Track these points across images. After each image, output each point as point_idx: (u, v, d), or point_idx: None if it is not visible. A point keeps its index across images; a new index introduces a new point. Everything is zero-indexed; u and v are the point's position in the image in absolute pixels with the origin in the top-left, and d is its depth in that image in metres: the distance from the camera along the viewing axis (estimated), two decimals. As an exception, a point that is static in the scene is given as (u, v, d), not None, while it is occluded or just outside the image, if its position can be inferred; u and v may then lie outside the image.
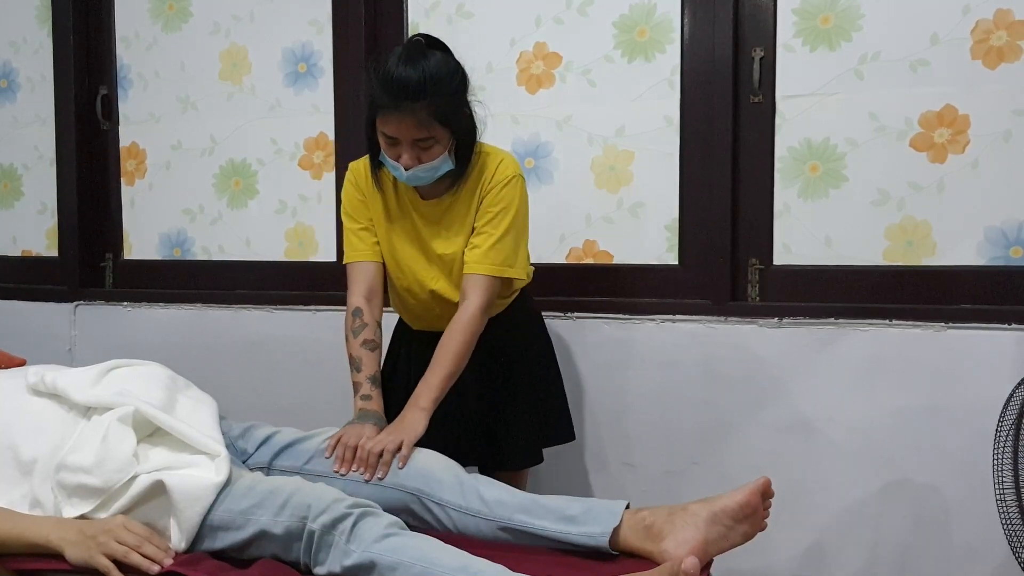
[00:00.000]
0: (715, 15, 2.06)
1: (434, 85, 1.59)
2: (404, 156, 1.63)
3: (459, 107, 1.66)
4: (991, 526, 1.77)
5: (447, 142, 1.66)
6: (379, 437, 1.56)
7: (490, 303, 1.72)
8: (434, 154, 1.64)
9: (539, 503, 1.46)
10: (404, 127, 1.60)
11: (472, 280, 1.71)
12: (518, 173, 1.74)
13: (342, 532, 1.32)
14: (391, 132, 1.62)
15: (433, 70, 1.59)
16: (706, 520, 1.38)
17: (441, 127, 1.62)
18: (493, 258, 1.71)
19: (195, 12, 2.56)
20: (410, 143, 1.62)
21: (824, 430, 2.01)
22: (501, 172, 1.72)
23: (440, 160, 1.66)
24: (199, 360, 2.45)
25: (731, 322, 2.07)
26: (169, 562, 1.35)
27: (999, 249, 1.92)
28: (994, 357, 1.87)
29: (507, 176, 1.72)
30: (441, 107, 1.60)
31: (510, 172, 1.73)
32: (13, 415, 1.52)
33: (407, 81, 1.57)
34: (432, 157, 1.64)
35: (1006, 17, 1.87)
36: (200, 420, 1.55)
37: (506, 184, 1.72)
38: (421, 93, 1.57)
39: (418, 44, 1.64)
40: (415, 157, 1.64)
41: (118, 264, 2.72)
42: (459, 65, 1.67)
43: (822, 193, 2.03)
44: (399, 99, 1.58)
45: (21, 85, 2.79)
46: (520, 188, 1.74)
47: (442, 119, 1.62)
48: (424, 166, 1.65)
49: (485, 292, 1.70)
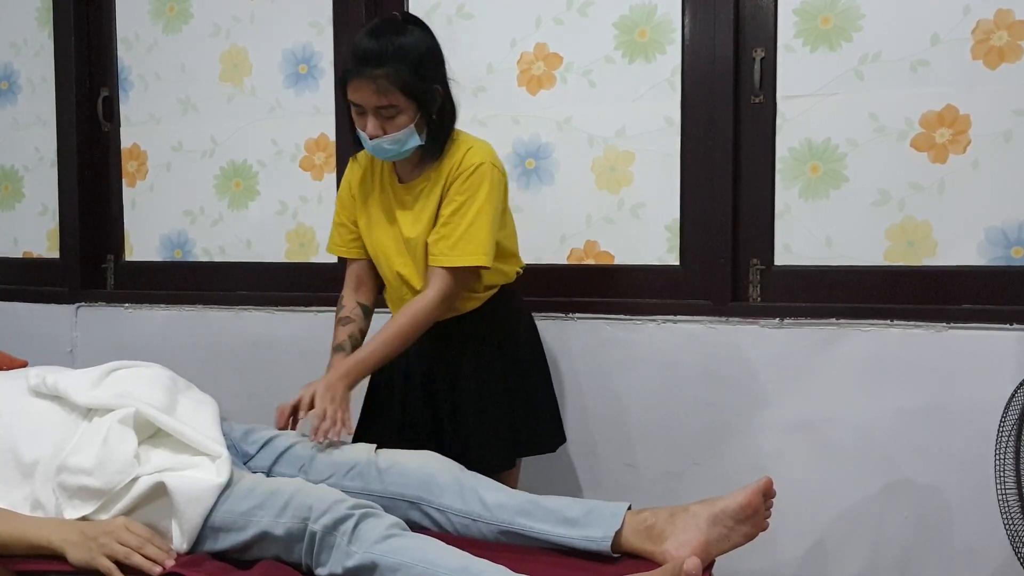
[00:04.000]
0: (716, 16, 2.06)
1: (397, 54, 1.62)
2: (369, 124, 1.66)
3: (425, 81, 1.66)
4: (993, 526, 1.77)
5: (412, 114, 1.66)
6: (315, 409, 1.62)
7: (449, 296, 1.71)
8: (399, 124, 1.65)
9: (539, 505, 1.46)
10: (365, 93, 1.64)
11: (432, 272, 1.71)
12: (487, 161, 1.71)
13: (344, 533, 1.32)
14: (354, 98, 1.66)
15: (399, 42, 1.63)
16: (707, 521, 1.38)
17: (404, 97, 1.64)
18: (454, 250, 1.69)
19: (195, 14, 2.56)
20: (373, 111, 1.65)
21: (825, 430, 2.01)
22: (468, 159, 1.71)
23: (405, 133, 1.66)
24: (200, 361, 2.45)
25: (732, 323, 2.07)
26: (171, 563, 1.35)
27: (1000, 249, 1.92)
28: (995, 357, 1.87)
29: (473, 164, 1.70)
30: (403, 76, 1.62)
31: (477, 160, 1.71)
32: (14, 417, 1.52)
33: (369, 49, 1.63)
34: (397, 128, 1.66)
35: (1007, 17, 1.87)
36: (201, 421, 1.55)
37: (472, 172, 1.70)
38: (382, 60, 1.61)
39: (393, 18, 1.69)
40: (379, 126, 1.66)
41: (119, 265, 2.72)
42: (433, 43, 1.70)
43: (823, 193, 2.03)
44: (362, 65, 1.62)
45: (22, 87, 2.79)
46: (489, 177, 1.71)
47: (405, 89, 1.63)
48: (389, 137, 1.66)
49: (443, 284, 1.69)
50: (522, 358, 1.86)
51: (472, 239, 1.69)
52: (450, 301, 1.72)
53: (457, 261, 1.69)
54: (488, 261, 1.71)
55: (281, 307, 2.46)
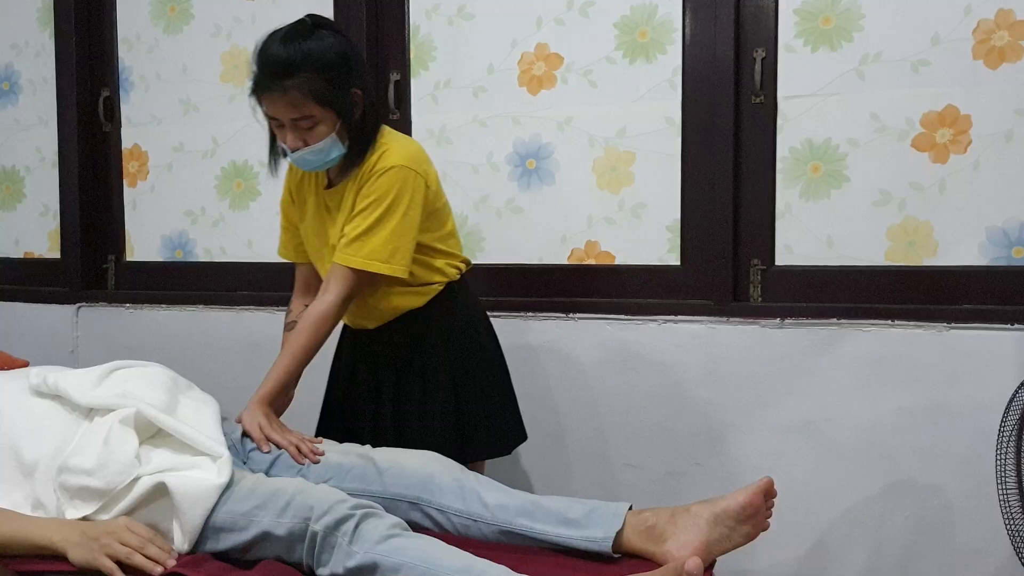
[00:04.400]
0: (716, 16, 2.06)
1: (307, 63, 1.56)
2: (288, 138, 1.63)
3: (341, 87, 1.61)
4: (994, 526, 1.77)
5: (332, 122, 1.62)
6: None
7: (349, 296, 1.66)
8: (319, 135, 1.61)
9: (540, 506, 1.46)
10: (278, 106, 1.60)
11: (333, 270, 1.67)
12: (400, 164, 1.64)
13: (345, 533, 1.32)
14: (268, 112, 1.62)
15: (308, 49, 1.57)
16: (708, 521, 1.38)
17: (320, 107, 1.59)
18: (357, 250, 1.64)
19: (196, 14, 2.56)
20: (290, 124, 1.61)
21: (826, 430, 2.01)
22: (382, 162, 1.65)
23: (327, 143, 1.63)
24: (201, 361, 2.45)
25: (733, 323, 2.07)
26: (172, 563, 1.35)
27: (1001, 249, 1.92)
28: (996, 357, 1.87)
29: (386, 166, 1.64)
30: (316, 86, 1.57)
31: (390, 162, 1.64)
32: (15, 417, 1.52)
33: (277, 59, 1.57)
34: (318, 139, 1.62)
35: (1007, 17, 1.87)
36: (202, 421, 1.55)
37: (383, 174, 1.64)
38: (292, 71, 1.56)
39: (301, 23, 1.62)
40: (299, 138, 1.62)
41: (120, 266, 2.72)
42: (347, 46, 1.64)
43: (824, 193, 2.03)
44: (270, 77, 1.58)
45: (23, 87, 2.79)
46: (402, 179, 1.64)
47: (319, 98, 1.58)
48: (310, 149, 1.62)
49: (343, 285, 1.65)
50: (471, 357, 1.79)
51: (370, 243, 1.63)
52: (349, 301, 1.68)
53: (353, 262, 1.64)
54: (385, 268, 1.64)
55: (282, 307, 2.44)
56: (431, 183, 1.72)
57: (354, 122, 1.65)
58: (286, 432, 1.63)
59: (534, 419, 2.21)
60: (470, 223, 2.31)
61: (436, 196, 1.75)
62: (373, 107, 1.68)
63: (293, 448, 1.59)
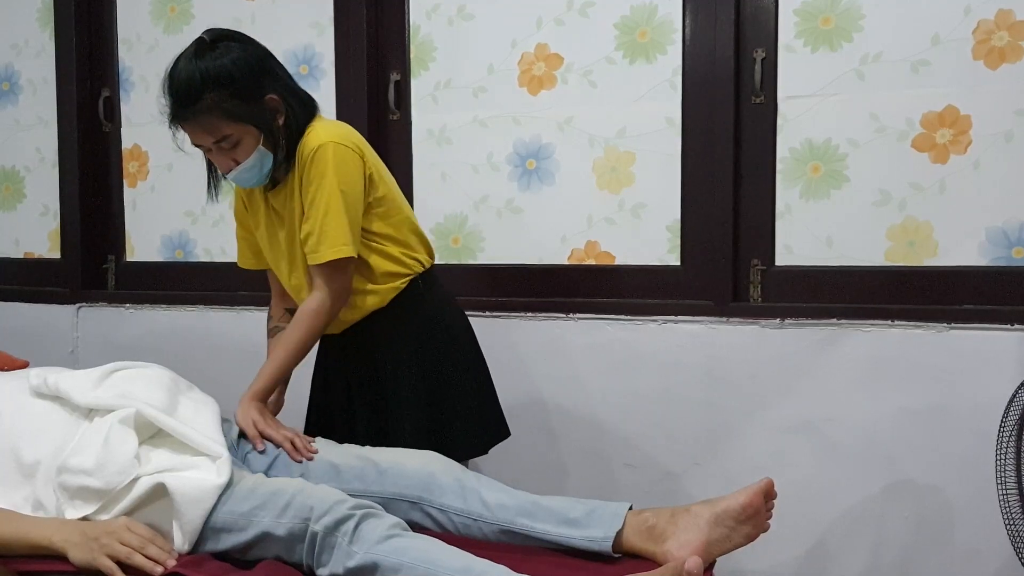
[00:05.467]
0: (716, 16, 2.06)
1: (209, 84, 1.53)
2: (218, 161, 1.61)
3: (252, 99, 1.57)
4: (993, 527, 1.76)
5: (255, 136, 1.58)
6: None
7: (339, 291, 1.64)
8: (246, 151, 1.58)
9: (540, 505, 1.46)
10: (195, 135, 1.58)
11: (313, 272, 1.64)
12: (327, 141, 1.59)
13: (345, 533, 1.32)
14: (191, 140, 1.59)
15: (208, 69, 1.53)
16: (709, 521, 1.38)
17: (235, 124, 1.56)
18: (321, 245, 1.60)
19: (197, 14, 2.56)
20: (214, 148, 1.58)
21: (826, 431, 2.01)
22: (307, 146, 1.60)
23: (256, 157, 1.59)
24: (201, 362, 2.45)
25: (733, 323, 2.07)
26: (172, 563, 1.35)
27: (1001, 249, 1.92)
28: (996, 358, 1.87)
29: (313, 148, 1.59)
30: (225, 106, 1.54)
31: (316, 142, 1.59)
32: (15, 417, 1.52)
33: (179, 86, 1.54)
34: (246, 155, 1.58)
35: (1007, 18, 1.87)
36: (202, 422, 1.55)
37: (312, 158, 1.59)
38: (196, 96, 1.53)
39: (199, 42, 1.58)
40: (227, 160, 1.60)
41: (120, 266, 2.72)
42: (251, 54, 1.59)
43: (823, 194, 2.03)
44: (178, 106, 1.55)
45: (23, 87, 2.79)
46: (332, 156, 1.58)
47: (233, 117, 1.55)
48: (242, 167, 1.60)
49: (326, 283, 1.62)
50: (444, 358, 1.75)
51: (330, 229, 1.59)
52: (342, 295, 1.65)
53: (327, 256, 1.60)
54: (352, 251, 1.61)
55: (282, 307, 2.46)
56: (368, 158, 1.66)
57: (277, 128, 1.61)
58: (280, 428, 1.63)
59: (534, 419, 2.21)
60: (470, 223, 2.31)
61: (379, 178, 1.69)
62: (295, 106, 1.63)
63: (288, 444, 1.59)
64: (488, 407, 1.82)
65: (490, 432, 1.82)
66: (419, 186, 2.35)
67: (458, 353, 1.78)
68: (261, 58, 1.61)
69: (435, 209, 2.34)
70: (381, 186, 1.69)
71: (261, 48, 1.64)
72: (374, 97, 2.36)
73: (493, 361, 1.87)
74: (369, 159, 1.67)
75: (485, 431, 1.81)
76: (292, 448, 1.59)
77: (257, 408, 1.64)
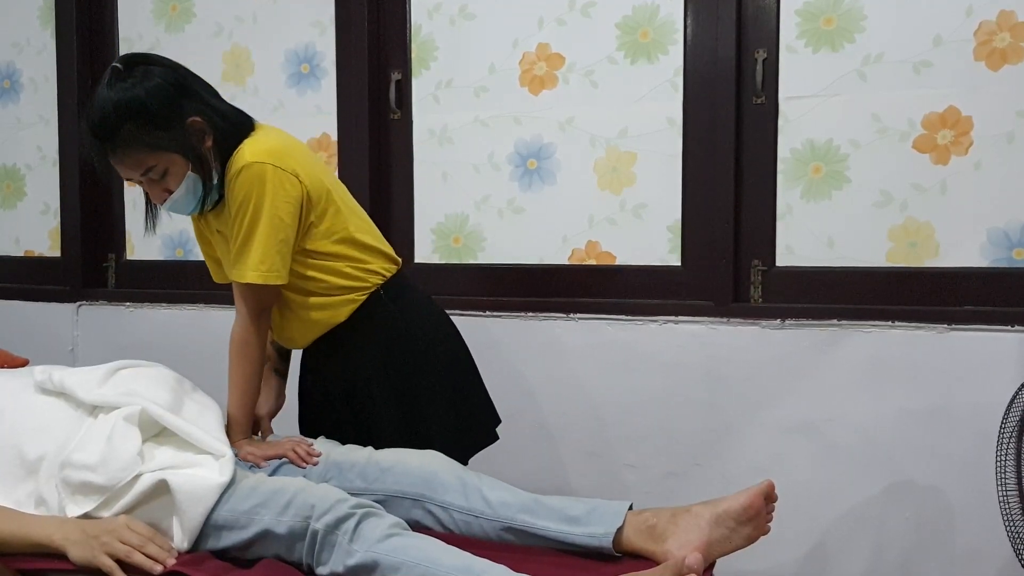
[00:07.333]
0: (718, 16, 2.06)
1: (124, 116, 1.46)
2: (151, 193, 1.58)
3: (172, 126, 1.50)
4: (994, 528, 1.76)
5: (183, 164, 1.52)
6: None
7: (256, 311, 1.59)
8: (176, 179, 1.53)
9: (542, 503, 1.46)
10: (121, 168, 1.52)
11: (234, 291, 1.60)
12: (251, 161, 1.51)
13: (345, 532, 1.32)
14: (120, 174, 1.55)
15: (119, 100, 1.46)
16: (709, 522, 1.38)
17: (158, 154, 1.50)
18: (237, 264, 1.56)
19: (198, 13, 2.56)
20: (145, 180, 1.54)
21: (827, 432, 2.01)
22: (234, 166, 1.53)
23: (188, 183, 1.54)
24: (201, 361, 2.43)
25: (733, 323, 2.07)
26: (172, 562, 1.35)
27: (1002, 251, 1.92)
28: (997, 359, 1.87)
29: (238, 168, 1.52)
30: (142, 137, 1.48)
31: (241, 162, 1.52)
32: (19, 413, 1.52)
33: (94, 122, 1.48)
34: (177, 183, 1.53)
35: (1009, 19, 1.87)
36: (206, 422, 1.55)
37: (236, 178, 1.52)
38: (112, 130, 1.47)
39: (111, 71, 1.50)
40: (159, 190, 1.55)
41: (120, 264, 2.72)
42: (162, 80, 1.50)
43: (825, 194, 2.03)
44: (99, 142, 1.49)
45: (24, 86, 2.79)
46: (255, 176, 1.51)
47: (154, 147, 1.49)
48: (176, 196, 1.55)
49: (242, 303, 1.58)
50: (420, 368, 1.69)
51: (246, 253, 1.54)
52: (260, 316, 1.60)
53: (243, 278, 1.55)
54: (261, 278, 1.54)
55: (282, 307, 2.46)
56: (304, 178, 1.56)
57: (206, 151, 1.54)
58: (278, 444, 1.63)
59: (534, 419, 2.21)
60: (471, 223, 2.31)
61: (318, 197, 1.59)
62: (222, 126, 1.55)
63: (292, 454, 1.59)
64: (468, 415, 1.75)
65: (469, 439, 1.75)
66: (420, 186, 2.35)
67: (432, 363, 1.70)
68: (179, 80, 1.53)
69: (436, 209, 2.34)
70: (320, 204, 1.61)
71: (180, 69, 1.56)
72: (375, 96, 2.36)
73: (493, 361, 1.86)
74: (306, 179, 1.57)
75: (463, 439, 1.73)
76: (296, 456, 1.59)
77: (248, 443, 1.63)
